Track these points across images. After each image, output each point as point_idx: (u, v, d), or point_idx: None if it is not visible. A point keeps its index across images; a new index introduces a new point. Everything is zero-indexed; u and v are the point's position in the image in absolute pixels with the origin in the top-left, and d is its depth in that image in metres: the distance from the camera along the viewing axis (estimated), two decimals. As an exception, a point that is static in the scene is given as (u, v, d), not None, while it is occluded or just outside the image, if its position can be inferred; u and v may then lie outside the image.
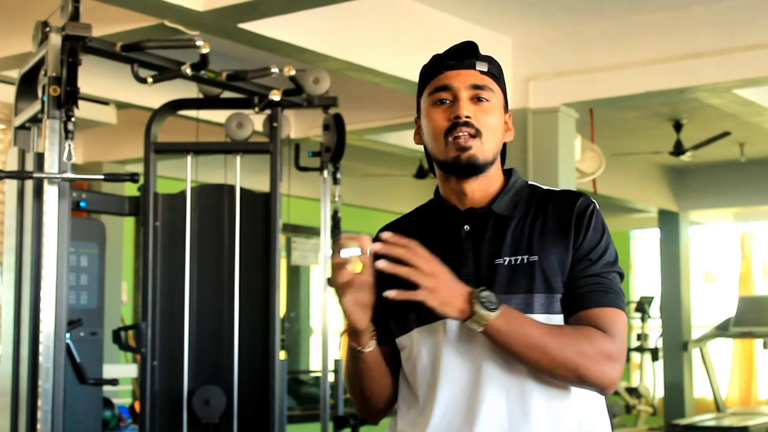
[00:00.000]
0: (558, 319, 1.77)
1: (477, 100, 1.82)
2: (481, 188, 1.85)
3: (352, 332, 1.78)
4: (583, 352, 1.70)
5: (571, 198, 1.83)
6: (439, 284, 1.67)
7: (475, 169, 1.81)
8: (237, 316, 4.42)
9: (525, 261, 1.77)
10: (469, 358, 1.76)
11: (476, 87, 1.82)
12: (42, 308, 3.62)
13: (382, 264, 1.68)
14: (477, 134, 1.80)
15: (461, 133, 1.79)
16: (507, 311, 1.69)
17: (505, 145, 1.90)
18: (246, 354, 4.42)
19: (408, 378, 1.85)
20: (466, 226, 1.83)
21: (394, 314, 1.83)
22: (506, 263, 1.77)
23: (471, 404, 1.75)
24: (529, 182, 1.91)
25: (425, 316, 1.77)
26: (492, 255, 1.78)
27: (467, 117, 1.79)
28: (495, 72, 1.86)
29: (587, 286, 1.76)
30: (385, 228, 1.94)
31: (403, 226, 1.92)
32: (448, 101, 1.82)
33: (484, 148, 1.81)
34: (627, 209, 9.81)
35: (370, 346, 1.80)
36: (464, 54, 1.85)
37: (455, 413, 1.76)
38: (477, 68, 1.84)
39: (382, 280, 1.73)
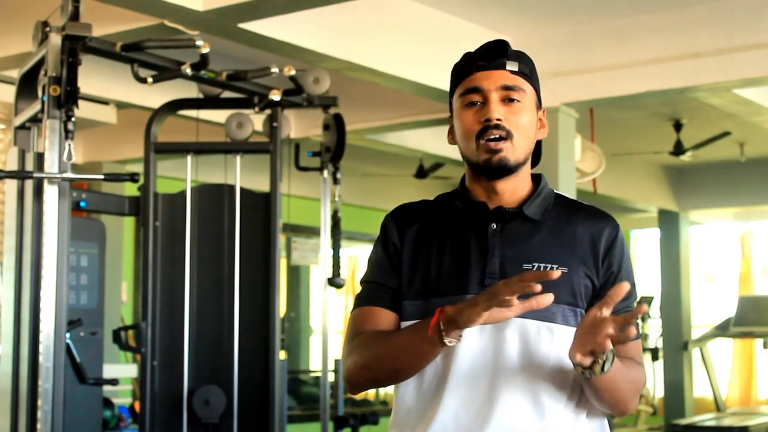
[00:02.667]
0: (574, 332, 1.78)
1: (508, 101, 1.81)
2: (512, 188, 1.84)
3: (455, 322, 1.65)
4: (637, 389, 1.80)
5: (602, 219, 1.84)
6: (592, 343, 1.65)
7: (506, 170, 1.80)
8: (237, 316, 4.42)
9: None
10: (489, 360, 1.75)
11: (507, 88, 1.81)
12: (42, 308, 3.62)
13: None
14: (508, 136, 1.79)
15: (492, 136, 1.78)
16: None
17: (539, 142, 1.89)
18: (246, 354, 4.42)
19: None
20: (493, 224, 1.81)
21: (415, 295, 1.81)
22: (535, 269, 1.76)
23: (484, 408, 1.74)
24: (555, 191, 1.90)
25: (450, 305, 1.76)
26: (520, 258, 1.77)
27: (498, 119, 1.78)
28: (526, 71, 1.84)
29: None
30: (403, 208, 1.91)
31: (423, 210, 1.90)
32: (478, 103, 1.81)
33: (515, 150, 1.80)
34: (627, 209, 9.81)
35: (452, 343, 1.68)
36: (495, 54, 1.83)
37: (465, 415, 1.74)
38: (507, 68, 1.82)
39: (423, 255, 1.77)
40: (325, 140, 4.70)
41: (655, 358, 9.93)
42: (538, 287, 1.58)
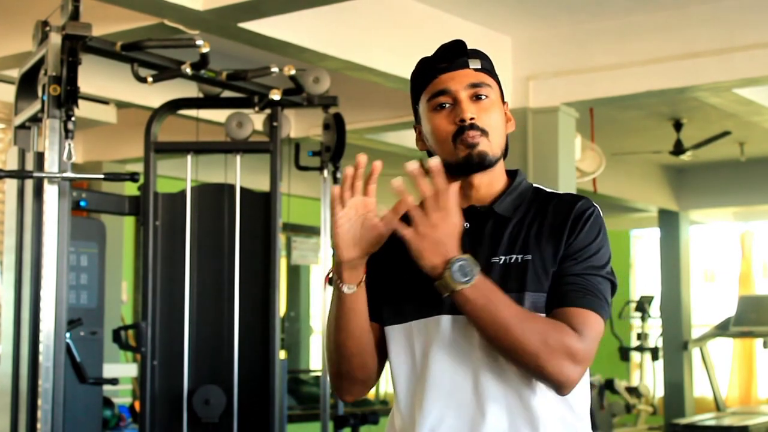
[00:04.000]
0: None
1: (476, 98, 1.81)
2: (487, 183, 1.84)
3: (337, 265, 1.72)
4: (547, 342, 1.67)
5: (573, 200, 1.82)
6: (431, 234, 1.65)
7: (486, 164, 1.80)
8: (237, 316, 4.42)
9: (519, 260, 1.76)
10: (463, 365, 1.74)
11: (473, 85, 1.81)
12: (42, 308, 3.63)
13: (396, 183, 1.67)
14: (483, 134, 1.79)
15: (469, 136, 1.79)
16: (481, 283, 1.66)
17: (507, 137, 1.89)
18: (246, 354, 4.42)
19: (393, 377, 1.82)
20: (466, 224, 1.80)
21: (392, 299, 1.82)
22: (501, 262, 1.76)
23: (473, 416, 1.72)
24: (534, 185, 1.89)
25: (420, 308, 1.77)
26: (488, 253, 1.77)
27: (471, 119, 1.79)
28: (487, 66, 1.85)
29: (567, 285, 1.74)
30: None
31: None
32: (448, 105, 1.81)
33: (492, 146, 1.80)
34: (627, 209, 9.82)
35: (351, 288, 1.73)
36: (455, 54, 1.84)
37: (454, 419, 1.73)
38: (470, 66, 1.83)
39: (387, 257, 1.74)
40: (325, 140, 4.71)
41: (655, 357, 9.94)
42: (350, 170, 1.73)
